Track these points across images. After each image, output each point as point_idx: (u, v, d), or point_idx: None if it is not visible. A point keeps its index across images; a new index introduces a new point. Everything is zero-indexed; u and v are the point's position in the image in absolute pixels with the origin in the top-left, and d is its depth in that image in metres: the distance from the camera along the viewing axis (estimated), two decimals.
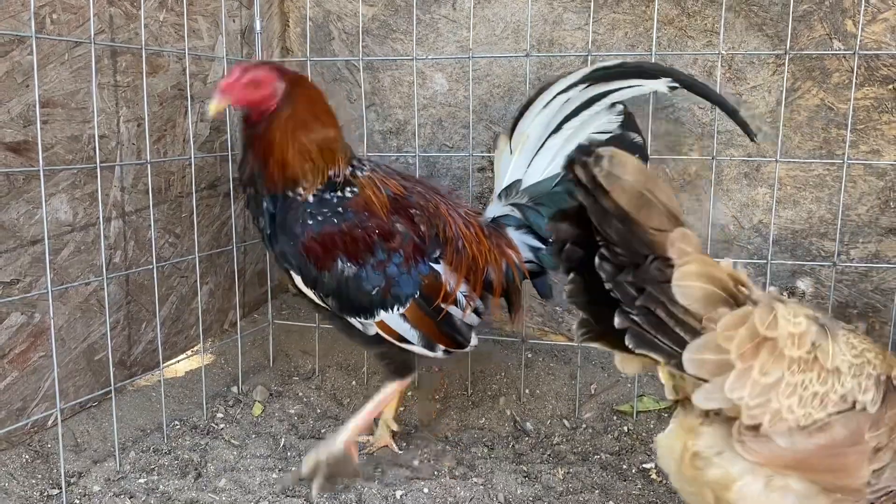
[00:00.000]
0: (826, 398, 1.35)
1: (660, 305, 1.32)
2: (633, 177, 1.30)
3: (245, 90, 1.96)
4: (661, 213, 1.31)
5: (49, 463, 2.22)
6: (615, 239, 1.32)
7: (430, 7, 2.78)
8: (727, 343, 1.31)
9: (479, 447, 2.46)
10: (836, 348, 1.38)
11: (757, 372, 1.32)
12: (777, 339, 1.33)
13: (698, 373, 1.34)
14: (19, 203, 2.06)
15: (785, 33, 2.43)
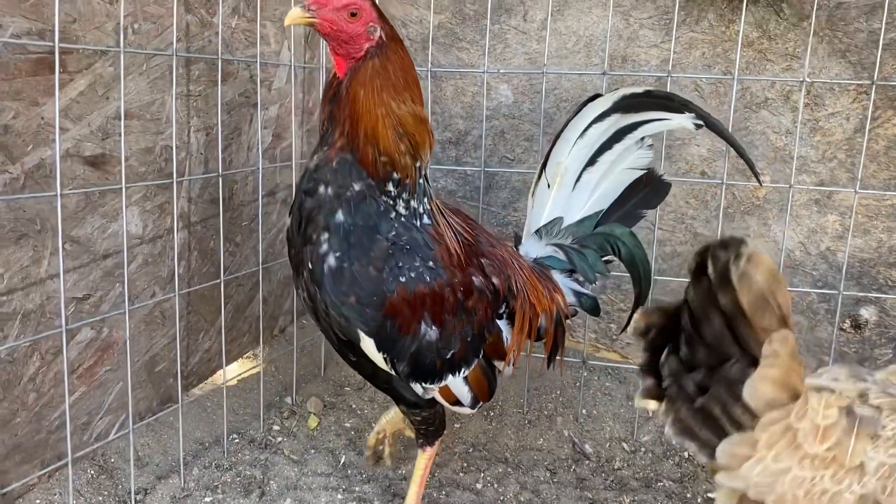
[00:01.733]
0: (838, 497, 1.30)
1: (719, 404, 1.33)
2: (764, 277, 1.27)
3: (337, 13, 1.61)
4: (774, 316, 1.29)
5: (114, 479, 2.19)
6: (709, 338, 1.32)
7: (499, 17, 2.71)
8: (761, 434, 1.31)
9: (541, 470, 2.44)
10: (862, 446, 1.30)
11: (770, 458, 1.31)
12: (798, 430, 1.31)
13: (728, 463, 1.33)
14: (94, 217, 2.00)
15: (868, 61, 2.38)
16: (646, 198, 2.11)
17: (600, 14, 2.59)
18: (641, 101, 1.97)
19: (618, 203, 2.10)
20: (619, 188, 2.09)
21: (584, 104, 2.01)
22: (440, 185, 2.93)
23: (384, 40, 1.69)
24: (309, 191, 1.69)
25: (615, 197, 2.10)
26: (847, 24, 2.44)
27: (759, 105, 2.57)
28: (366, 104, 1.65)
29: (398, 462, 2.41)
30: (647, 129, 2.00)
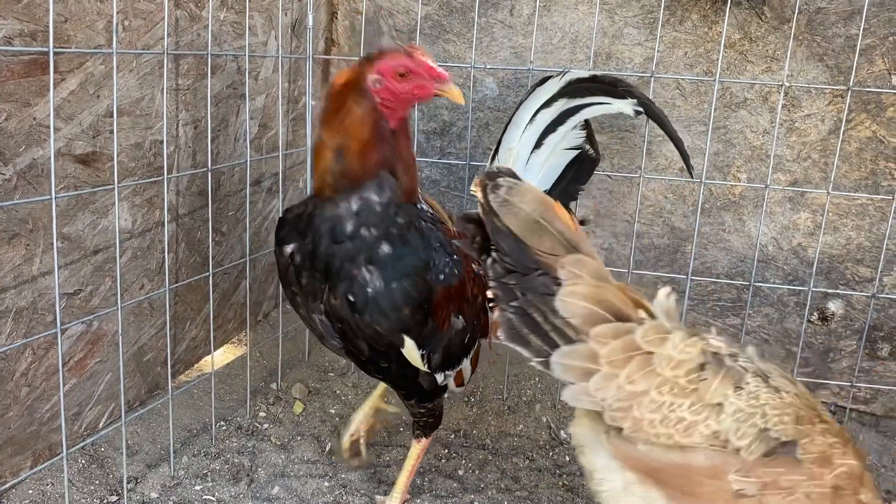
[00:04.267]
0: (693, 428, 1.41)
1: (538, 311, 1.45)
2: (530, 206, 1.46)
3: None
4: (555, 240, 1.46)
5: (104, 468, 2.23)
6: (506, 250, 1.46)
7: (486, 11, 2.73)
8: (599, 348, 1.42)
9: (520, 457, 2.53)
10: (723, 388, 1.42)
11: (623, 378, 1.42)
12: (654, 355, 1.43)
13: (564, 376, 1.45)
14: (85, 214, 2.02)
15: (845, 65, 2.45)
16: (579, 175, 2.23)
17: (586, 11, 2.62)
18: (588, 87, 2.07)
19: (557, 182, 2.21)
20: (560, 168, 2.21)
21: (534, 88, 2.11)
22: (424, 175, 2.96)
23: None
24: (351, 235, 1.72)
25: (556, 176, 2.21)
26: (826, 28, 2.50)
27: (738, 105, 2.63)
28: (410, 150, 1.79)
29: (381, 449, 2.49)
30: (588, 112, 2.12)
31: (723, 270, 2.80)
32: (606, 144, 2.77)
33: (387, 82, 1.68)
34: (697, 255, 2.80)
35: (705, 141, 2.63)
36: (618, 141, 2.76)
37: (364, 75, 1.69)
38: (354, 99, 1.69)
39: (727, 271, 2.80)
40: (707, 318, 2.87)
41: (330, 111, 1.72)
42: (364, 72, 1.69)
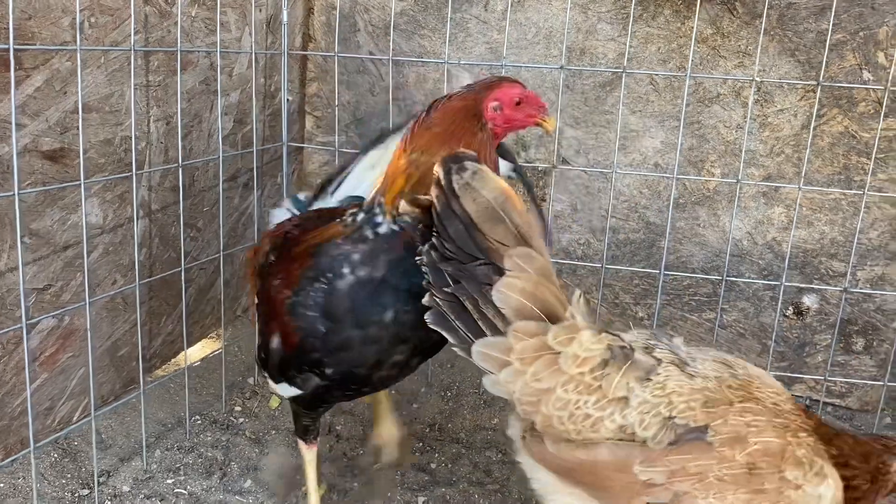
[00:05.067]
0: (600, 423, 1.44)
1: (470, 299, 1.47)
2: (492, 194, 1.46)
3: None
4: (508, 231, 1.47)
5: (77, 462, 2.25)
6: (451, 235, 1.47)
7: (461, 6, 2.74)
8: (514, 343, 1.45)
9: (493, 450, 2.55)
10: (626, 381, 1.45)
11: (530, 375, 1.45)
12: (560, 354, 1.45)
13: (482, 363, 1.49)
14: (53, 210, 2.03)
15: (816, 60, 2.45)
16: None
17: (559, 6, 2.63)
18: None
19: None
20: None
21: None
22: None
23: None
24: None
25: None
26: (797, 23, 2.50)
27: (711, 100, 2.64)
28: None
29: (356, 444, 2.51)
30: None
31: (698, 265, 2.81)
32: (582, 140, 2.78)
33: (505, 109, 1.71)
34: (673, 250, 2.82)
35: (679, 136, 2.64)
36: (592, 137, 2.77)
37: (483, 101, 1.72)
38: (474, 122, 1.71)
39: (702, 266, 2.81)
40: (683, 313, 2.88)
41: (446, 132, 1.69)
42: (483, 98, 1.72)
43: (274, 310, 1.72)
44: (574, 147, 2.79)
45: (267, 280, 1.78)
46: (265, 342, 1.77)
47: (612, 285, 2.92)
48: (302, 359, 1.69)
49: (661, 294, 2.80)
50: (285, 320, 1.68)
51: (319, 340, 1.64)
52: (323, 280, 1.63)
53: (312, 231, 1.77)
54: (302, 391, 1.76)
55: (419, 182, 1.62)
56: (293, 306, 1.66)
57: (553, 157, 2.74)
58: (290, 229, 1.86)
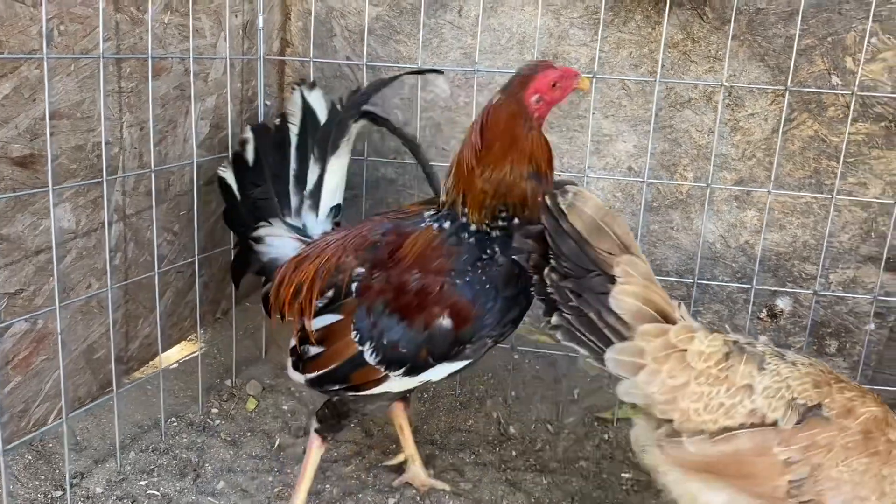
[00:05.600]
0: (733, 409, 1.60)
1: (593, 310, 1.64)
2: (593, 210, 1.64)
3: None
4: (613, 241, 1.64)
5: (51, 464, 2.27)
6: (566, 253, 1.64)
7: (435, 12, 2.76)
8: (644, 345, 1.62)
9: (467, 452, 2.57)
10: (748, 371, 1.62)
11: (665, 374, 1.62)
12: (687, 351, 1.63)
13: (616, 370, 1.66)
14: (24, 216, 2.06)
15: (786, 65, 2.47)
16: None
17: (532, 12, 2.65)
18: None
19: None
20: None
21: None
22: (380, 174, 3.00)
23: None
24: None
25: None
26: (766, 29, 2.52)
27: (683, 104, 2.66)
28: None
29: (330, 446, 2.53)
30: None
31: (672, 268, 2.83)
32: (556, 144, 2.80)
33: (545, 97, 1.84)
34: (648, 253, 2.84)
35: (651, 141, 2.66)
36: (567, 141, 2.79)
37: (525, 101, 1.84)
38: (525, 125, 1.85)
39: (677, 268, 2.83)
40: None
41: (503, 144, 1.84)
42: (523, 96, 1.84)
43: (426, 299, 1.87)
44: None
45: (392, 282, 1.92)
46: (414, 333, 1.90)
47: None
48: (478, 327, 1.88)
49: None
50: (455, 300, 1.85)
51: (494, 308, 1.85)
52: (479, 264, 1.85)
53: (403, 240, 1.95)
54: (470, 360, 1.96)
55: (495, 194, 1.84)
56: (461, 287, 1.85)
57: None
58: (373, 249, 2.00)
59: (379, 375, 1.97)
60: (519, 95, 1.84)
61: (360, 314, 1.94)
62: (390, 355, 1.93)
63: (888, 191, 2.57)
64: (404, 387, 2.03)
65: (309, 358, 2.05)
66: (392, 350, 1.92)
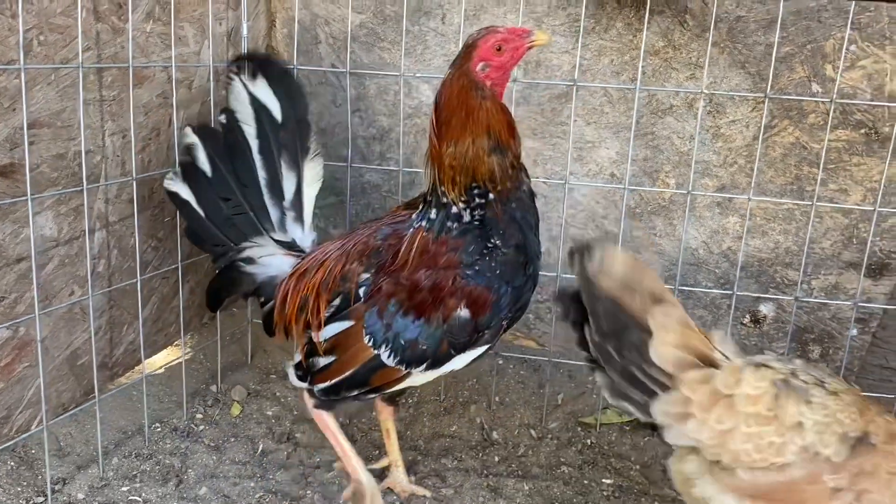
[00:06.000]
0: (784, 448, 1.61)
1: (635, 365, 1.66)
2: (621, 268, 1.64)
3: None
4: (645, 295, 1.64)
5: (34, 470, 2.29)
6: (602, 314, 1.66)
7: (418, 19, 2.77)
8: (690, 394, 1.63)
9: (450, 458, 2.58)
10: (798, 409, 1.63)
11: (713, 421, 1.63)
12: (734, 396, 1.63)
13: (664, 421, 1.67)
14: (5, 224, 2.07)
15: (766, 72, 2.48)
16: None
17: (514, 20, 2.66)
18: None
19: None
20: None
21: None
22: (365, 180, 3.01)
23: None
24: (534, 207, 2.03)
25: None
26: (746, 36, 2.53)
27: (664, 111, 2.67)
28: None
29: (313, 451, 2.55)
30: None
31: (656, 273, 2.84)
32: (539, 150, 2.82)
33: (492, 63, 1.84)
34: None
35: (633, 147, 2.67)
36: (550, 147, 2.80)
37: (471, 70, 1.85)
38: (477, 95, 1.85)
39: (660, 274, 2.84)
40: None
41: (459, 117, 1.86)
42: (469, 67, 1.85)
43: (441, 294, 1.89)
44: (532, 157, 2.82)
45: (402, 283, 1.93)
46: (434, 329, 1.92)
47: (565, 287, 2.95)
48: (496, 311, 1.91)
49: None
50: (470, 290, 1.89)
51: (508, 291, 1.91)
52: (485, 252, 1.89)
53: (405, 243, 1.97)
54: (489, 345, 2.00)
55: (463, 170, 1.86)
56: (474, 277, 1.89)
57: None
58: (377, 256, 2.01)
59: (400, 374, 1.99)
60: (465, 66, 1.85)
61: (370, 318, 1.96)
62: (409, 354, 1.95)
63: (869, 197, 2.58)
64: (427, 379, 2.06)
65: (319, 370, 2.05)
66: (411, 349, 1.94)
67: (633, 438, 2.69)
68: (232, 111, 2.20)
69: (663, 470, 2.54)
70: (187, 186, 2.21)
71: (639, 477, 2.52)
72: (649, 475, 2.52)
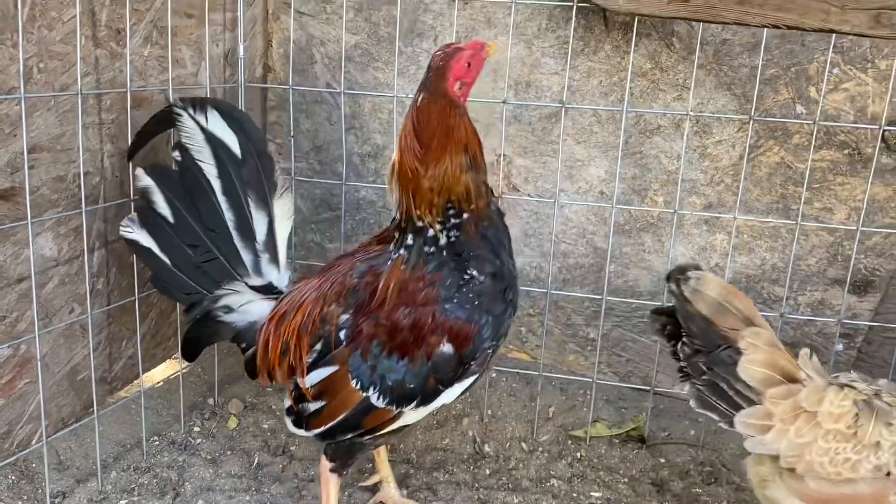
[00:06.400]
0: (858, 464, 1.74)
1: (723, 380, 1.83)
2: (716, 292, 1.84)
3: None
4: (736, 317, 1.83)
5: (34, 483, 2.35)
6: (695, 332, 1.85)
7: (412, 40, 2.83)
8: (773, 408, 1.79)
9: (441, 471, 2.63)
10: (878, 429, 1.74)
11: (793, 433, 1.78)
12: (817, 413, 1.78)
13: (746, 431, 1.84)
14: (6, 246, 2.13)
15: (752, 93, 2.53)
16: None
17: (505, 41, 2.71)
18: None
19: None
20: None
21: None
22: (361, 196, 3.07)
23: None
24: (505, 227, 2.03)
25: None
26: (732, 58, 2.59)
27: (652, 131, 2.72)
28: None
29: (308, 464, 2.60)
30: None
31: (645, 289, 2.90)
32: (530, 168, 2.87)
33: (465, 80, 1.88)
34: (621, 274, 2.90)
35: (622, 166, 2.73)
36: (540, 165, 2.86)
37: (448, 90, 1.87)
38: (455, 114, 1.87)
39: (649, 289, 2.89)
40: (633, 335, 2.97)
41: (440, 139, 1.86)
42: (446, 87, 1.87)
43: (422, 332, 1.90)
44: (523, 175, 2.88)
45: (382, 324, 1.93)
46: (418, 367, 1.92)
47: (565, 307, 3.01)
48: (479, 342, 1.92)
49: (604, 318, 2.88)
50: (451, 324, 1.89)
51: (489, 321, 1.91)
52: (462, 284, 1.90)
53: (381, 280, 1.96)
54: (477, 375, 2.00)
55: (441, 190, 1.88)
56: (453, 310, 1.89)
57: (501, 184, 2.84)
58: (352, 295, 2.00)
59: (392, 415, 1.98)
60: (442, 88, 1.85)
61: (355, 361, 1.95)
62: (398, 394, 1.94)
63: (853, 216, 2.63)
64: (421, 416, 2.04)
65: (310, 414, 2.03)
66: (399, 389, 1.94)
67: (622, 451, 2.74)
68: (186, 147, 2.13)
69: (651, 483, 2.60)
70: (147, 233, 2.15)
71: (627, 490, 2.57)
72: (637, 488, 2.58)
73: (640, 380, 2.98)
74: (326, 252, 3.15)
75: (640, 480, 2.62)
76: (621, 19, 2.61)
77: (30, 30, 2.04)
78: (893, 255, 2.66)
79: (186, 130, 2.13)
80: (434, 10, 2.80)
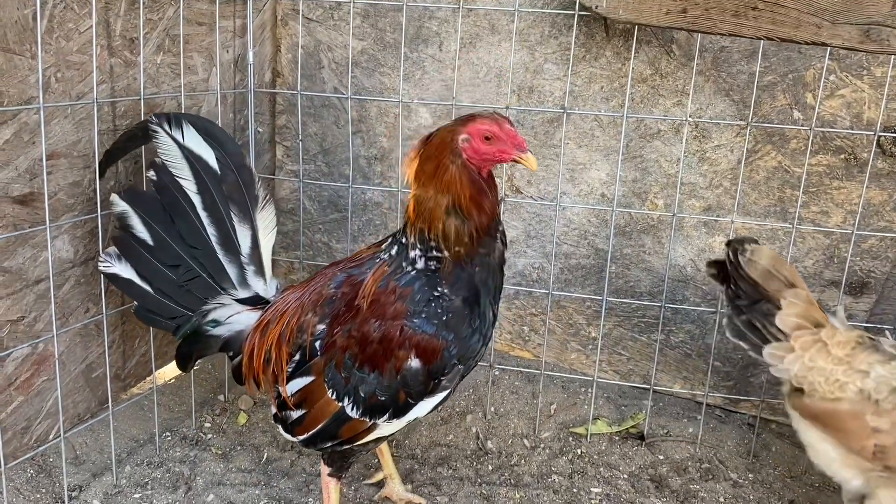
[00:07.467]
0: (845, 386, 2.01)
1: (759, 322, 2.15)
2: (766, 261, 2.14)
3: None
4: (781, 282, 2.13)
5: (52, 477, 2.43)
6: (743, 288, 2.17)
7: (417, 46, 2.89)
8: (795, 343, 2.09)
9: (445, 467, 2.71)
10: (869, 360, 2.01)
11: (806, 358, 2.07)
12: (829, 344, 2.06)
13: (770, 360, 2.13)
14: (25, 249, 2.21)
15: (750, 99, 2.59)
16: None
17: (508, 48, 2.78)
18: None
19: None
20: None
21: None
22: (367, 197, 3.14)
23: None
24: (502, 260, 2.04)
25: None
26: (730, 65, 2.64)
27: (652, 136, 2.78)
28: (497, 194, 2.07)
29: (316, 459, 2.68)
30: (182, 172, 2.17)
31: (645, 290, 2.96)
32: (533, 171, 2.93)
33: (473, 142, 1.89)
34: (622, 275, 2.96)
35: (623, 170, 2.79)
36: (543, 168, 2.92)
37: (454, 134, 1.90)
38: (450, 156, 1.89)
39: (649, 290, 2.95)
40: (633, 334, 3.03)
41: (432, 166, 1.90)
42: (457, 131, 1.91)
43: (391, 346, 1.93)
44: (526, 178, 2.94)
45: (354, 336, 1.96)
46: (388, 380, 1.95)
47: (567, 307, 3.07)
48: (447, 358, 1.95)
49: (605, 318, 2.95)
50: (418, 339, 1.92)
51: (456, 338, 1.94)
52: (431, 300, 1.92)
53: (357, 290, 2.00)
54: (448, 390, 2.03)
55: (423, 217, 1.91)
56: (421, 325, 1.92)
57: (504, 186, 2.91)
58: (328, 304, 2.04)
59: (366, 426, 2.02)
60: (453, 128, 1.90)
61: (330, 372, 1.99)
62: (371, 405, 1.98)
63: (849, 219, 2.68)
64: (395, 429, 2.08)
65: (293, 422, 2.08)
66: (371, 400, 1.97)
67: (622, 448, 2.81)
68: (163, 164, 2.13)
69: (650, 479, 2.67)
70: (126, 264, 2.17)
71: (626, 486, 2.63)
72: (636, 484, 2.64)
73: (640, 378, 3.05)
74: (333, 252, 3.22)
75: (639, 477, 2.69)
76: (622, 27, 2.67)
77: (48, 41, 2.11)
78: (888, 258, 2.71)
79: (163, 147, 2.13)
80: (439, 17, 2.86)
